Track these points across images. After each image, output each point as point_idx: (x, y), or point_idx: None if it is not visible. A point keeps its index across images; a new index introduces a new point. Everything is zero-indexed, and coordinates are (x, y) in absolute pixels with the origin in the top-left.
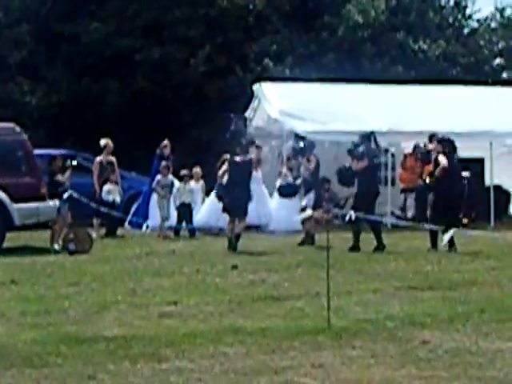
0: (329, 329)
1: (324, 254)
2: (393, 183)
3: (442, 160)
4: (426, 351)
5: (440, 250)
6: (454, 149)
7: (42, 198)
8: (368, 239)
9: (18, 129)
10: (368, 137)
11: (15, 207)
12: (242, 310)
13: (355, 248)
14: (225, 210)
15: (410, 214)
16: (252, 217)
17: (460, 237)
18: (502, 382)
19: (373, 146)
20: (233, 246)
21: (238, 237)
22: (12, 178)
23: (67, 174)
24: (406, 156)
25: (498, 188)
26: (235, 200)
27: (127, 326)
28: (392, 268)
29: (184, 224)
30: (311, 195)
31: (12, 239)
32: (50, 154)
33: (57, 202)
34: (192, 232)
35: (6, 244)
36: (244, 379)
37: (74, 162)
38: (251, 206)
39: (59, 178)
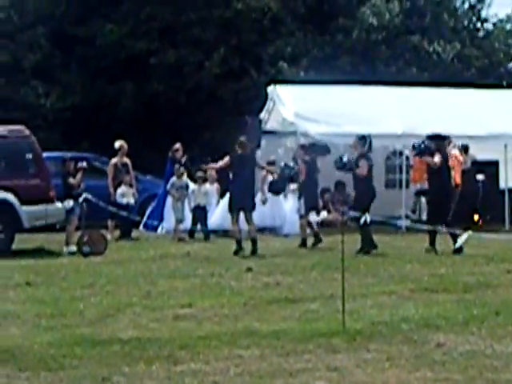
0: (344, 331)
1: (338, 256)
2: (407, 185)
3: (436, 158)
4: (440, 354)
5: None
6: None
7: (50, 200)
8: (382, 242)
9: (27, 131)
10: (364, 139)
11: (24, 209)
12: (256, 312)
13: (370, 249)
14: (230, 206)
15: (423, 216)
16: (266, 219)
17: (474, 239)
18: None
19: (366, 149)
20: (242, 250)
21: (254, 241)
22: (21, 180)
23: (78, 176)
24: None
25: None
26: (242, 193)
27: (142, 328)
28: (407, 270)
29: (199, 226)
30: (302, 201)
31: (26, 241)
32: (62, 157)
33: (69, 204)
34: (207, 234)
35: (20, 246)
36: (259, 382)
37: (85, 164)
38: (265, 209)
39: (71, 180)
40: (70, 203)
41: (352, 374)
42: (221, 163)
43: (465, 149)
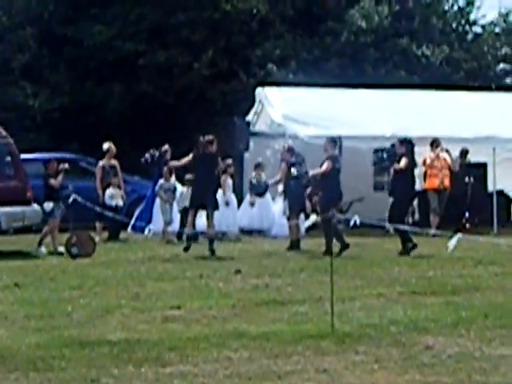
0: (332, 333)
1: (327, 259)
2: None
3: (402, 162)
4: (429, 356)
5: (444, 255)
6: (412, 149)
7: (27, 202)
8: (372, 244)
9: (3, 132)
10: (334, 141)
11: (2, 211)
12: (245, 314)
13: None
14: (190, 203)
15: (411, 219)
16: (254, 221)
17: (463, 242)
18: None
19: (336, 151)
20: (211, 249)
21: (212, 240)
22: None
23: (59, 177)
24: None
25: (500, 193)
26: (203, 191)
27: (131, 330)
28: (395, 273)
29: (186, 229)
30: (286, 203)
31: (2, 243)
32: (48, 158)
33: (49, 206)
34: (195, 236)
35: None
36: None
37: (66, 166)
38: (254, 211)
39: (51, 181)
40: (49, 205)
41: (341, 376)
42: (184, 161)
43: (464, 153)
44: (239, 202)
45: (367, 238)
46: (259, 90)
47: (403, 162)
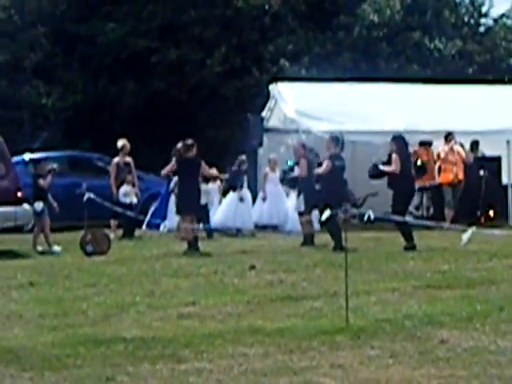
0: (347, 328)
1: (342, 254)
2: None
3: (393, 163)
4: (444, 350)
5: (459, 248)
6: (406, 146)
7: (18, 202)
8: (386, 238)
9: None
10: (337, 138)
11: None
12: (260, 310)
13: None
14: (177, 210)
15: (426, 213)
16: (269, 217)
17: (477, 235)
18: None
19: (338, 149)
20: (194, 247)
21: (196, 239)
22: None
23: (48, 178)
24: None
25: None
26: (187, 197)
27: (146, 328)
28: (410, 267)
29: (201, 225)
30: (301, 198)
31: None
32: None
33: (39, 206)
34: (209, 233)
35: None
36: (263, 380)
37: (55, 166)
38: (265, 207)
39: (41, 182)
40: (40, 205)
41: (356, 371)
42: (168, 168)
43: (475, 143)
44: (254, 199)
45: (381, 233)
46: (272, 86)
47: (394, 163)
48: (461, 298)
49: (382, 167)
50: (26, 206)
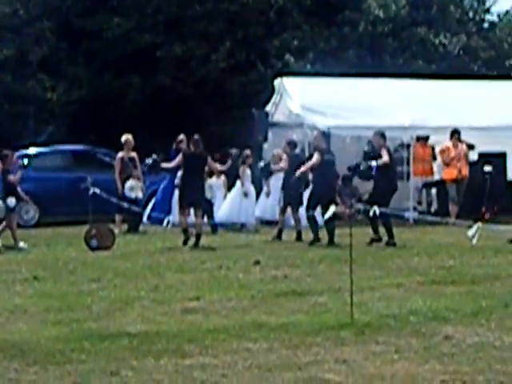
0: (352, 324)
1: (346, 249)
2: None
3: (383, 155)
4: (449, 346)
5: (464, 244)
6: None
7: None
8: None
9: None
10: (324, 134)
11: None
12: (264, 305)
13: (390, 242)
14: (180, 201)
15: (428, 208)
16: (272, 212)
17: (482, 231)
18: None
19: (325, 144)
20: (187, 241)
21: (198, 236)
22: None
23: (19, 173)
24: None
25: None
26: (191, 190)
27: (150, 322)
28: (415, 263)
29: (205, 219)
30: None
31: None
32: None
33: (12, 202)
34: (214, 228)
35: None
36: (267, 375)
37: (26, 162)
38: (269, 201)
39: (10, 177)
40: (12, 201)
41: (361, 367)
42: (175, 162)
43: (469, 146)
44: (258, 194)
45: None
46: (277, 81)
47: (384, 154)
48: (466, 294)
49: (374, 163)
50: None
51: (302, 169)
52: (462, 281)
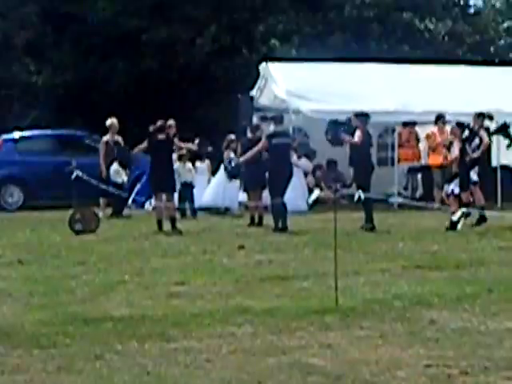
0: (336, 309)
1: (330, 234)
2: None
3: (356, 137)
4: (433, 331)
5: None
6: (367, 122)
7: None
8: (375, 219)
9: None
10: (274, 118)
11: None
12: (249, 290)
13: (371, 228)
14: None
15: (412, 193)
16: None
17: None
18: (511, 362)
19: (280, 128)
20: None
21: (173, 219)
22: None
23: None
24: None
25: (504, 168)
26: (161, 176)
27: (135, 306)
28: (399, 248)
29: (187, 204)
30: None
31: None
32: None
33: None
34: (193, 212)
35: None
36: (252, 359)
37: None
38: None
39: None
40: None
41: (345, 352)
42: (140, 147)
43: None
44: None
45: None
46: (262, 66)
47: (357, 135)
48: (450, 279)
49: (344, 135)
50: None
51: (248, 154)
52: (447, 266)
